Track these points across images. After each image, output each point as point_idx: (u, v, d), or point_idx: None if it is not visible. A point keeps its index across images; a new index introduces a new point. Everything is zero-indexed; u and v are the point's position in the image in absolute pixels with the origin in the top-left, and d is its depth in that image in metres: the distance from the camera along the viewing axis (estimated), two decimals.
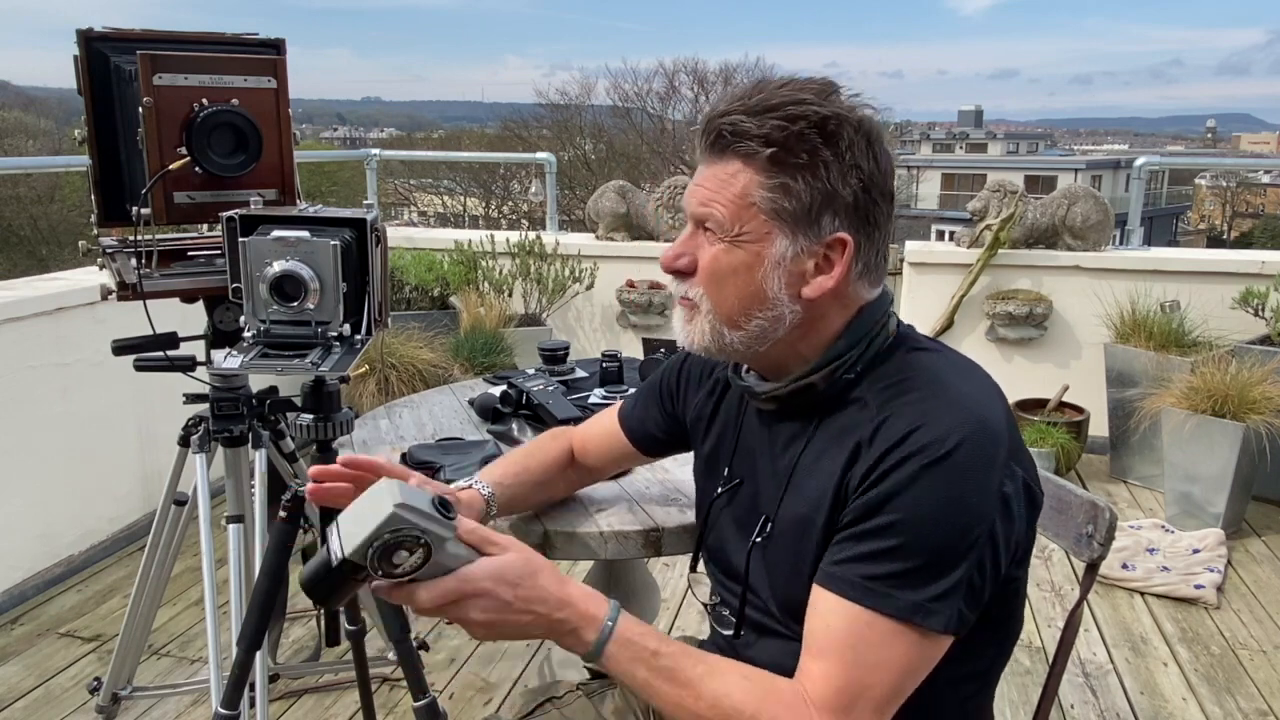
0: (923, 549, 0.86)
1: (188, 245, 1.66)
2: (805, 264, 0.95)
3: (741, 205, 0.93)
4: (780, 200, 0.92)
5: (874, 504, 0.88)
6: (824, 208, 0.93)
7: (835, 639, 0.88)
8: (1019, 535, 0.92)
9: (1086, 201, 4.15)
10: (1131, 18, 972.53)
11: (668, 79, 25.00)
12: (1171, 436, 3.35)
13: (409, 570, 0.83)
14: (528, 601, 0.88)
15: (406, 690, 1.67)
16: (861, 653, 0.87)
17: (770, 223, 0.93)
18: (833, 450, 0.95)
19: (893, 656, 0.87)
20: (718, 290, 0.96)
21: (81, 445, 3.05)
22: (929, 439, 0.88)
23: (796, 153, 0.91)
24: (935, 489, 0.86)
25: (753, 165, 0.92)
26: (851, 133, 0.92)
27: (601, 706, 1.25)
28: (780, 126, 0.90)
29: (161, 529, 1.83)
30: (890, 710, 0.88)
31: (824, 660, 0.88)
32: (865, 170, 0.93)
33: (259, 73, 1.54)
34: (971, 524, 0.87)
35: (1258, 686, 2.44)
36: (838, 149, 0.91)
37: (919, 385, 0.93)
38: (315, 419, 1.44)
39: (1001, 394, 0.96)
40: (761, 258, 0.94)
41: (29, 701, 2.32)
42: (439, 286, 4.29)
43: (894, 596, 0.86)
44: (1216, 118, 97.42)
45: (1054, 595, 2.93)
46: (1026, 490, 0.92)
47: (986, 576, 0.89)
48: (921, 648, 0.88)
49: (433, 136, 40.28)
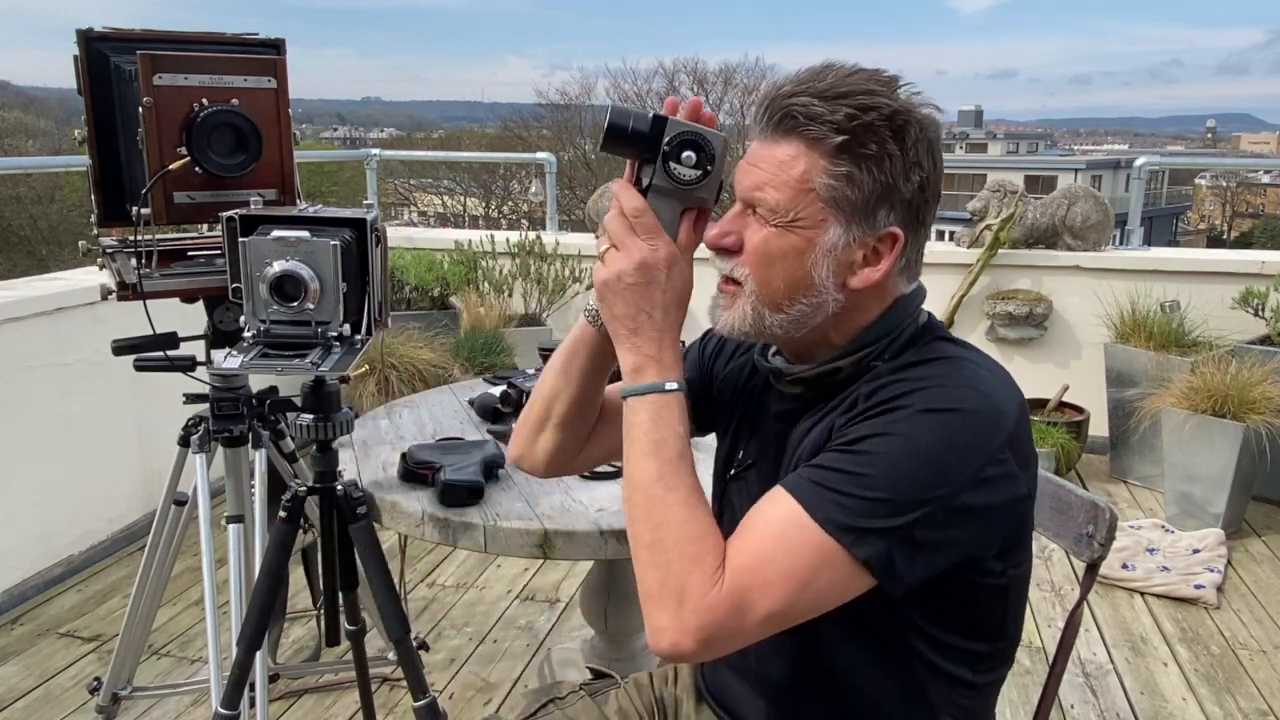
0: (882, 486, 0.85)
1: (188, 245, 1.66)
2: (855, 254, 0.94)
3: (800, 190, 0.92)
4: (842, 188, 0.91)
5: (860, 433, 0.88)
6: (882, 201, 0.92)
7: (763, 529, 0.88)
8: (987, 517, 0.89)
9: (1086, 201, 4.15)
10: (1130, 18, 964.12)
11: (668, 79, 25.04)
12: (1171, 436, 3.35)
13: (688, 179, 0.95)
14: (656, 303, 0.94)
15: (406, 690, 1.67)
16: (777, 547, 0.86)
17: (827, 210, 0.92)
18: (837, 412, 0.96)
19: (804, 565, 0.85)
20: (764, 272, 0.95)
21: (81, 445, 3.05)
22: (934, 394, 0.88)
23: (866, 143, 0.90)
24: (921, 437, 0.86)
25: (817, 150, 0.91)
26: (918, 130, 0.92)
27: (605, 706, 1.25)
28: (852, 115, 0.90)
29: (161, 529, 1.83)
30: (776, 625, 0.87)
31: (746, 539, 0.88)
32: (925, 169, 0.93)
33: (259, 73, 1.54)
34: (936, 483, 0.85)
35: (1258, 686, 2.44)
36: (904, 144, 0.91)
37: (936, 364, 0.93)
38: (315, 419, 1.44)
39: (1020, 395, 0.94)
40: (814, 244, 0.93)
41: (29, 701, 2.32)
42: (439, 286, 4.30)
43: (831, 508, 0.86)
44: (1216, 118, 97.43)
45: (1054, 595, 2.93)
46: (1011, 482, 0.89)
47: (934, 537, 0.86)
48: (835, 571, 0.86)
49: (433, 136, 40.28)
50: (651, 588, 0.88)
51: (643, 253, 0.93)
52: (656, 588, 0.88)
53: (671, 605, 0.86)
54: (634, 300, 0.94)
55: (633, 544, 0.91)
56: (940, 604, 0.93)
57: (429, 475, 1.52)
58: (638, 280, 0.93)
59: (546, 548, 1.34)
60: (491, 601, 2.84)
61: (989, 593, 0.96)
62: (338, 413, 1.46)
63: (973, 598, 0.95)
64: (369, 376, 3.53)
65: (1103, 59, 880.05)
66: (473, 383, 2.18)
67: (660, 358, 0.94)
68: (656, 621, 0.87)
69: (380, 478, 1.58)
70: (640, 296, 0.94)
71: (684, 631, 0.85)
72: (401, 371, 3.58)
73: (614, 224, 0.95)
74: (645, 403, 0.93)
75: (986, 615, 0.98)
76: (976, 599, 0.95)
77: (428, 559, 3.10)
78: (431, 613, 2.77)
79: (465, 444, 1.67)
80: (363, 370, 3.14)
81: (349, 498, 1.48)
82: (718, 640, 0.86)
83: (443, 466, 1.52)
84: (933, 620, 0.94)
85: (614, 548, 1.34)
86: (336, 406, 1.46)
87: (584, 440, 1.23)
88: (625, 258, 0.94)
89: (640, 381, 0.94)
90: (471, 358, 3.88)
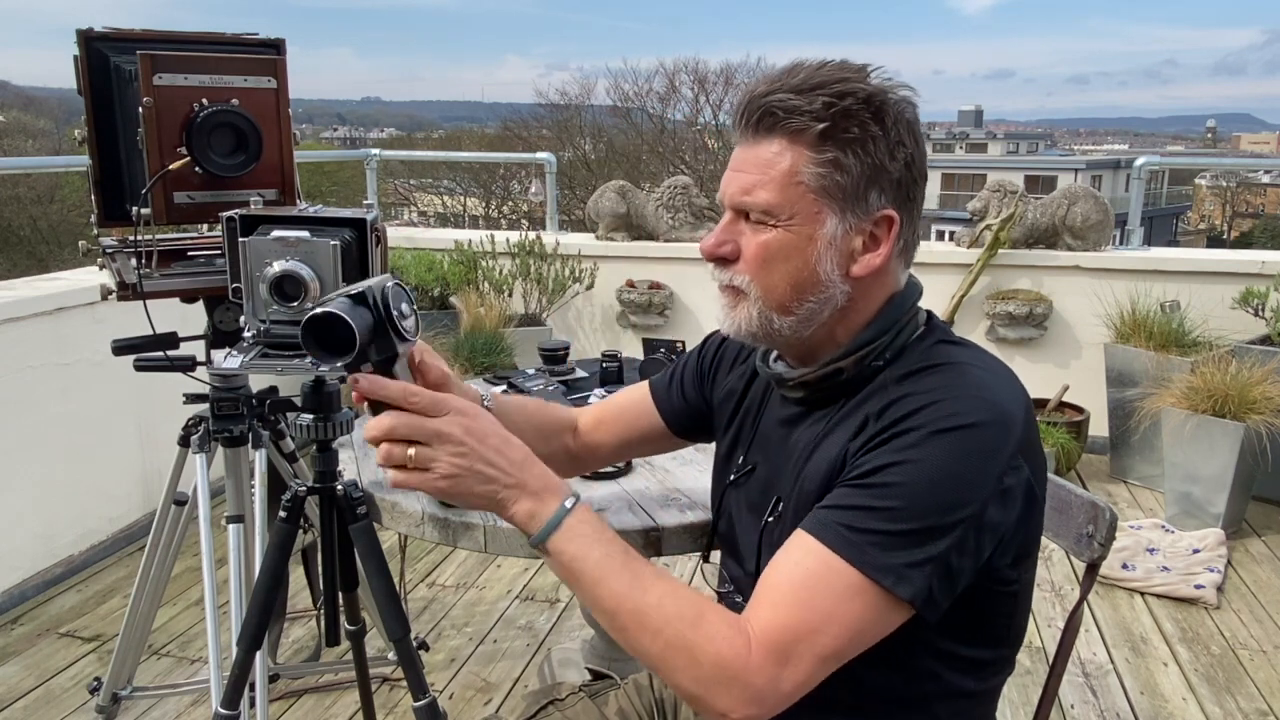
0: (909, 516, 0.85)
1: (188, 245, 1.66)
2: (854, 242, 0.94)
3: (789, 184, 0.92)
4: (831, 175, 0.92)
5: (876, 465, 0.87)
6: (872, 183, 0.93)
7: (797, 578, 0.86)
8: (1008, 529, 0.90)
9: (1086, 201, 4.15)
10: (1127, 18, 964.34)
11: (668, 79, 25.00)
12: (1171, 436, 3.35)
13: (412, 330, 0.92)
14: (498, 455, 0.88)
15: (406, 690, 1.67)
16: (820, 599, 0.85)
17: (820, 201, 0.92)
18: (844, 427, 0.95)
19: (849, 610, 0.85)
20: (767, 276, 0.95)
21: (81, 445, 3.05)
22: (942, 412, 0.87)
23: (847, 128, 0.91)
24: (938, 458, 0.85)
25: (801, 142, 0.92)
26: (896, 111, 0.92)
27: (605, 708, 1.25)
28: (829, 103, 0.90)
29: (161, 529, 1.83)
30: (830, 667, 0.86)
31: (777, 596, 0.86)
32: (908, 147, 0.93)
33: (259, 73, 1.54)
34: (963, 501, 0.85)
35: (1258, 686, 2.44)
36: (884, 125, 0.92)
37: (942, 372, 0.93)
38: (315, 419, 1.43)
39: (1025, 393, 0.94)
40: (814, 239, 0.93)
41: (29, 701, 2.32)
42: (439, 286, 4.29)
43: (869, 552, 0.85)
44: (1216, 118, 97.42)
45: (1054, 595, 2.93)
46: (1027, 489, 0.90)
47: (967, 561, 0.87)
48: (879, 611, 0.85)
49: (433, 136, 40.25)
50: (690, 686, 0.86)
51: (449, 440, 0.86)
52: (694, 684, 0.86)
53: (722, 687, 0.84)
54: (478, 482, 0.88)
55: (647, 661, 0.89)
56: (955, 617, 0.91)
57: None
58: (467, 468, 0.87)
59: None
60: (491, 601, 2.84)
61: (1002, 600, 0.96)
62: (338, 413, 1.45)
63: (987, 607, 0.94)
64: None
65: (1100, 59, 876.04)
66: (473, 383, 2.18)
67: (538, 492, 0.90)
68: (719, 707, 0.85)
69: (380, 478, 1.58)
70: (480, 477, 0.88)
71: (749, 701, 0.84)
72: None
73: (400, 423, 0.86)
74: (562, 536, 0.88)
75: (997, 623, 0.97)
76: (990, 608, 0.95)
77: (428, 559, 3.10)
78: (431, 613, 2.77)
79: None
80: None
81: (349, 498, 1.48)
82: (781, 693, 0.84)
83: None
84: (945, 633, 0.93)
85: None
86: (336, 406, 1.45)
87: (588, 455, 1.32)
88: (442, 458, 0.86)
89: (543, 524, 0.89)
90: (471, 358, 3.88)
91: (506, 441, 0.90)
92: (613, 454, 1.35)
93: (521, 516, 0.89)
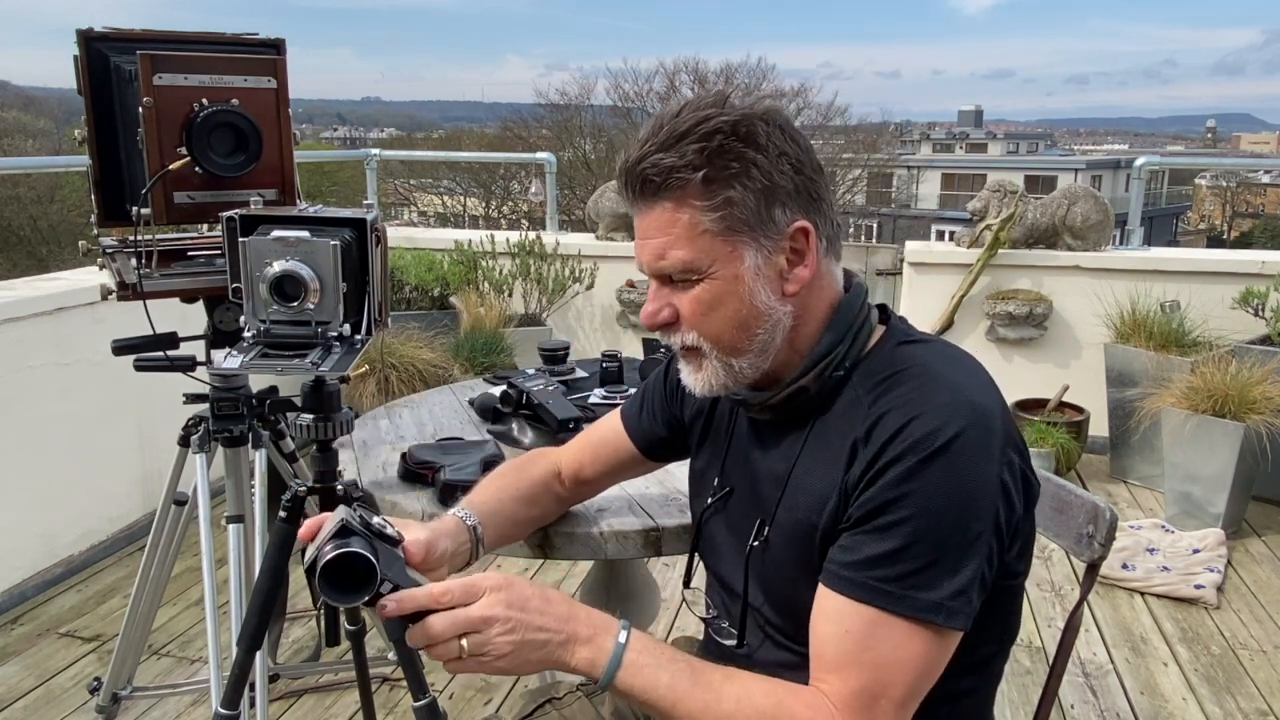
0: (931, 545, 0.86)
1: (188, 245, 1.66)
2: (778, 263, 0.95)
3: (695, 236, 0.93)
4: (731, 214, 0.92)
5: (878, 503, 0.88)
6: (771, 203, 0.93)
7: (852, 642, 0.88)
8: (1018, 521, 0.92)
9: (1086, 201, 4.15)
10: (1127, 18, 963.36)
11: (668, 79, 24.97)
12: (1171, 436, 3.35)
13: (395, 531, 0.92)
14: (542, 616, 0.88)
15: (406, 690, 1.67)
16: (880, 654, 0.87)
17: (730, 240, 0.93)
18: (830, 451, 0.95)
19: (910, 655, 0.87)
20: (711, 326, 0.96)
21: (81, 445, 3.05)
22: (925, 431, 0.87)
23: (726, 164, 0.91)
24: (938, 483, 0.86)
25: (689, 195, 0.92)
26: (765, 126, 0.93)
27: (601, 707, 1.25)
28: (700, 147, 0.91)
29: (161, 529, 1.83)
30: (911, 707, 0.88)
31: (842, 664, 0.88)
32: (791, 154, 0.94)
33: (259, 73, 1.54)
34: (977, 516, 0.87)
35: (1258, 686, 2.44)
36: (760, 145, 0.92)
37: (910, 378, 0.93)
38: (315, 419, 1.43)
39: (992, 380, 0.95)
40: (740, 277, 0.94)
41: (29, 701, 2.32)
42: (439, 286, 4.29)
43: (910, 597, 0.86)
44: (1216, 118, 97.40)
45: (1054, 595, 2.93)
46: (1023, 478, 0.92)
47: (993, 565, 0.90)
48: (938, 645, 0.88)
49: (433, 136, 40.24)
50: None
51: (495, 621, 0.87)
52: None
53: None
54: (533, 650, 0.88)
55: None
56: None
57: (429, 475, 1.52)
58: (514, 638, 0.87)
59: (546, 548, 1.34)
60: None
61: (1006, 594, 0.97)
62: (338, 413, 1.45)
63: (995, 603, 0.95)
64: (369, 376, 3.53)
65: (1099, 59, 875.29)
66: (473, 383, 2.18)
67: (590, 638, 0.90)
68: None
69: (380, 478, 1.58)
70: (533, 644, 0.88)
71: None
72: (401, 371, 3.58)
73: (444, 624, 0.86)
74: (626, 674, 0.89)
75: (1001, 618, 0.99)
76: (998, 604, 0.96)
77: None
78: None
79: (465, 444, 1.67)
80: (363, 370, 3.14)
81: (349, 498, 1.48)
82: None
83: (443, 466, 1.52)
84: None
85: (614, 548, 1.34)
86: (336, 406, 1.45)
87: (583, 494, 1.35)
88: (494, 639, 0.87)
89: (604, 669, 0.89)
90: (471, 358, 3.88)
91: (546, 599, 0.90)
92: (603, 488, 1.37)
93: (584, 667, 0.90)
